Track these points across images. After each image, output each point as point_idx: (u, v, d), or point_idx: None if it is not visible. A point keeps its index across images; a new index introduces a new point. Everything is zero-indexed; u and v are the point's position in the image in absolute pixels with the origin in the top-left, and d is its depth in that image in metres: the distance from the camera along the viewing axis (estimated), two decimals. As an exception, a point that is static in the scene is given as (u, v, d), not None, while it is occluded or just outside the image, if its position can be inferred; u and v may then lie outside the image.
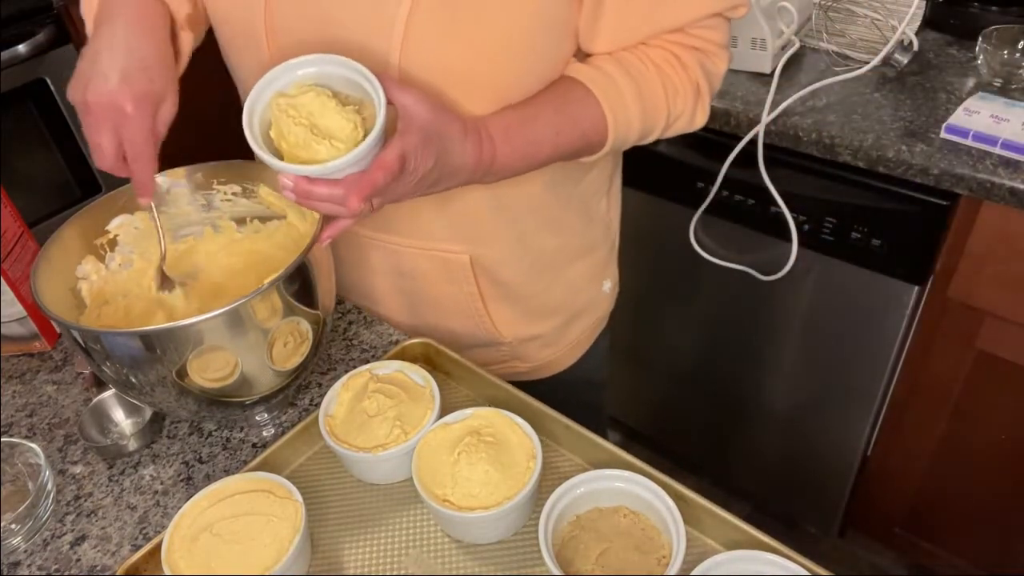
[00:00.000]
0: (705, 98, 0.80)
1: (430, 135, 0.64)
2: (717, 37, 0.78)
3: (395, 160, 0.61)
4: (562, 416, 0.73)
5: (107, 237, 0.80)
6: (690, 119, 0.80)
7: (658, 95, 0.77)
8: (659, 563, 0.62)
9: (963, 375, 1.26)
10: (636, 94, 0.75)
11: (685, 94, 0.78)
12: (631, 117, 0.76)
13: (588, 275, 0.97)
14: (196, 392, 0.69)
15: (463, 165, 0.69)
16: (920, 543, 1.51)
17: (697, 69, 0.78)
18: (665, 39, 0.77)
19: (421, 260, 0.86)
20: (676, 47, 0.77)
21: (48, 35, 1.92)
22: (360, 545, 0.69)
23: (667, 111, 0.78)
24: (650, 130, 0.79)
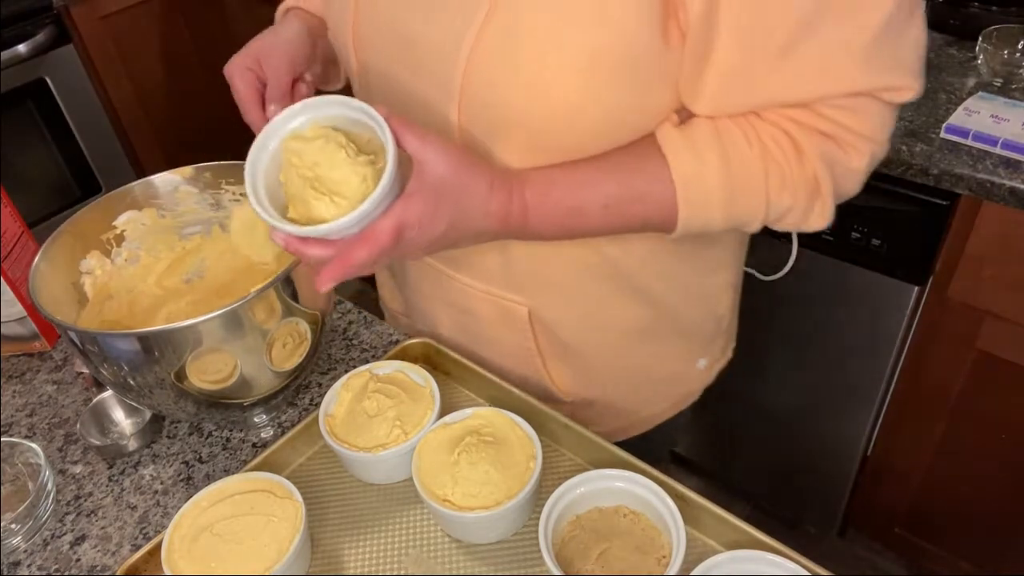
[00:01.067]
0: (827, 198, 0.63)
1: (444, 195, 0.57)
2: (859, 124, 0.60)
3: (388, 232, 0.55)
4: (562, 416, 0.73)
5: (114, 232, 0.80)
6: (801, 217, 0.64)
7: (757, 184, 0.62)
8: (659, 563, 0.62)
9: (963, 375, 1.26)
10: (725, 180, 0.61)
11: (795, 189, 0.62)
12: (711, 210, 0.62)
13: (677, 352, 0.84)
14: (195, 394, 0.69)
15: (485, 227, 0.61)
16: (920, 543, 1.51)
17: (817, 161, 0.61)
18: (784, 114, 0.61)
19: (481, 302, 0.79)
20: (795, 126, 0.61)
21: (48, 35, 1.92)
22: (360, 545, 0.69)
23: (765, 206, 0.63)
24: (742, 223, 0.65)
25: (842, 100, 0.59)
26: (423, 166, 0.57)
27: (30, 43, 1.88)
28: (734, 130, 0.61)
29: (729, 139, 0.61)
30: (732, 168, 0.61)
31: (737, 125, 0.62)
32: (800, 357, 1.44)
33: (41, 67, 1.95)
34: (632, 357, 0.82)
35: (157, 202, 0.82)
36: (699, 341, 0.86)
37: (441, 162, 0.57)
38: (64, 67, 1.99)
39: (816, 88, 0.58)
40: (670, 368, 0.86)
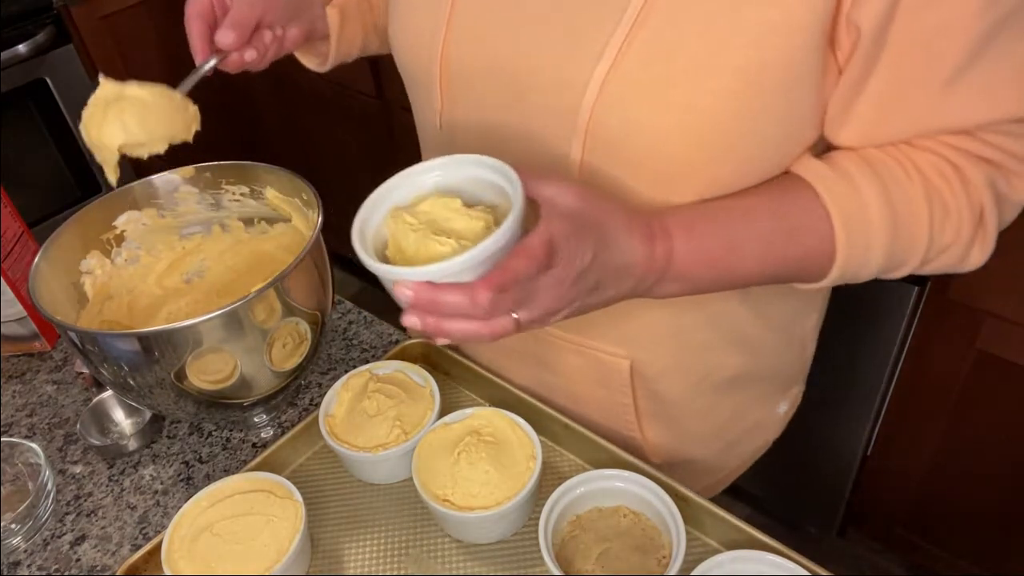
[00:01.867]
0: (990, 231, 0.57)
1: (583, 222, 0.50)
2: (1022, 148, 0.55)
3: (541, 245, 0.47)
4: (562, 416, 0.73)
5: (114, 232, 0.80)
6: (961, 256, 0.58)
7: (920, 216, 0.55)
8: (659, 563, 0.62)
9: (963, 375, 1.26)
10: (886, 211, 0.55)
11: (960, 220, 0.56)
12: (872, 242, 0.56)
13: (763, 397, 0.81)
14: (195, 394, 0.69)
15: (630, 263, 0.53)
16: (920, 543, 1.51)
17: (985, 189, 0.55)
18: (943, 140, 0.56)
19: (572, 355, 0.72)
20: (957, 154, 0.56)
21: (48, 35, 1.92)
22: (360, 545, 0.69)
23: (928, 240, 0.56)
24: (899, 263, 0.58)
25: (1009, 126, 0.54)
26: (554, 200, 0.50)
27: (30, 43, 1.88)
28: (888, 161, 0.56)
29: (885, 169, 0.55)
30: (893, 199, 0.55)
31: (889, 155, 0.56)
32: (800, 357, 1.44)
33: (41, 67, 1.95)
34: (723, 409, 0.77)
35: (157, 202, 0.82)
36: (783, 384, 0.83)
37: (572, 195, 0.51)
38: (64, 67, 1.99)
39: (984, 114, 0.53)
40: (755, 416, 0.82)
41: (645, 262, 0.54)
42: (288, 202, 0.80)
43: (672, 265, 0.55)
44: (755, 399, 0.80)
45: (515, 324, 0.50)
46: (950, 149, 0.56)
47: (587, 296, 0.52)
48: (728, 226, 0.57)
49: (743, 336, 0.71)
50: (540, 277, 0.48)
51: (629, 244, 0.53)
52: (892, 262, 0.58)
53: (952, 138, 0.56)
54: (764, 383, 0.79)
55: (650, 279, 0.55)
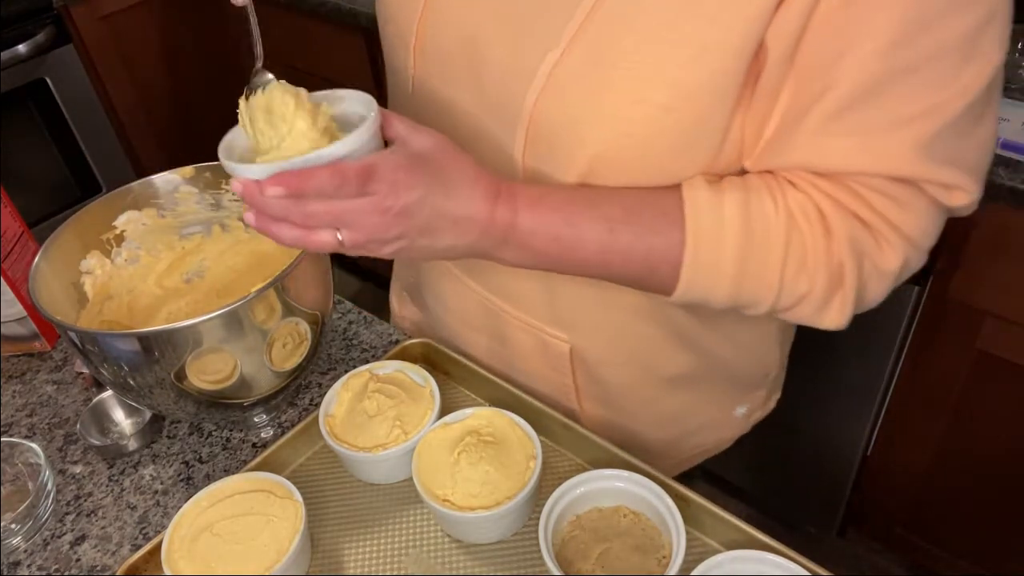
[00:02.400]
0: (848, 294, 0.56)
1: (424, 163, 0.53)
2: (900, 218, 0.54)
3: (355, 168, 0.49)
4: (562, 416, 0.73)
5: (114, 232, 0.80)
6: (817, 310, 0.57)
7: (773, 255, 0.55)
8: (659, 563, 0.62)
9: (963, 375, 1.26)
10: (741, 236, 0.55)
11: (815, 271, 0.55)
12: (722, 265, 0.56)
13: (717, 398, 0.80)
14: (195, 394, 0.69)
15: (467, 216, 0.55)
16: (920, 543, 1.51)
17: (845, 245, 0.55)
18: (820, 186, 0.55)
19: (520, 332, 0.75)
20: (827, 202, 0.55)
21: (48, 35, 1.92)
22: (360, 545, 0.69)
23: (779, 284, 0.56)
24: (749, 300, 0.58)
25: (887, 185, 0.53)
26: (408, 140, 0.54)
27: (30, 43, 1.88)
28: (762, 188, 0.56)
29: (755, 195, 0.56)
30: (752, 224, 0.55)
31: (767, 186, 0.57)
32: (800, 357, 1.44)
33: (41, 67, 1.95)
34: (671, 403, 0.78)
35: (157, 202, 0.82)
36: (742, 389, 0.82)
37: (428, 139, 0.54)
38: (64, 67, 1.99)
39: (863, 161, 0.52)
40: (707, 415, 0.82)
41: (486, 220, 0.56)
42: (288, 202, 0.80)
43: (514, 231, 0.57)
44: (707, 400, 0.80)
45: (337, 242, 0.53)
46: (822, 195, 0.55)
47: (418, 236, 0.54)
48: (576, 206, 0.58)
49: (687, 337, 0.71)
50: (355, 201, 0.51)
51: (470, 197, 0.55)
52: (741, 296, 0.57)
53: (826, 184, 0.55)
54: (719, 385, 0.79)
55: (490, 239, 0.57)
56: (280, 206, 0.51)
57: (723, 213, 0.55)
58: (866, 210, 0.54)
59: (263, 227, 0.53)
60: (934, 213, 0.55)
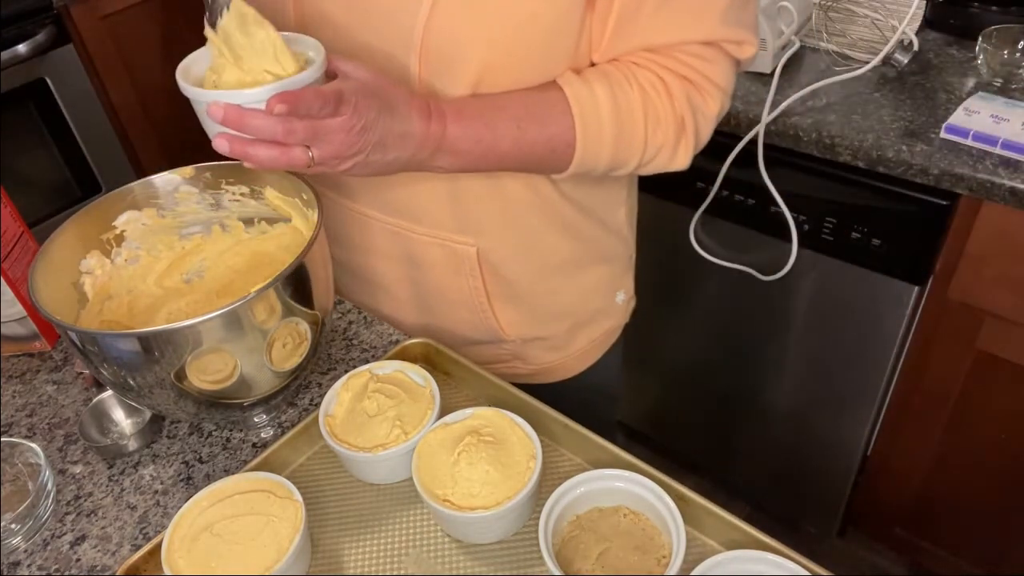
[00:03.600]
0: (690, 137, 0.74)
1: (371, 89, 0.63)
2: (712, 72, 0.72)
3: (331, 91, 0.59)
4: (562, 416, 0.73)
5: (113, 233, 0.80)
6: (671, 156, 0.74)
7: (636, 117, 0.72)
8: (659, 563, 0.62)
9: (963, 375, 1.26)
10: (613, 108, 0.71)
11: (667, 126, 0.72)
12: (603, 134, 0.72)
13: (601, 284, 0.94)
14: (195, 394, 0.69)
15: (410, 132, 0.66)
16: (920, 543, 1.51)
17: (684, 101, 0.72)
18: (654, 61, 0.72)
19: (430, 248, 0.84)
20: (664, 71, 0.72)
21: (48, 35, 1.92)
22: (360, 545, 0.69)
23: (644, 141, 0.73)
24: (624, 159, 0.74)
25: (699, 48, 0.70)
26: (347, 72, 0.63)
27: (30, 43, 1.88)
28: (617, 74, 0.71)
29: (614, 79, 0.71)
30: (618, 101, 0.70)
31: (619, 70, 0.72)
32: (800, 357, 1.44)
33: (41, 67, 1.95)
34: (565, 291, 0.91)
35: (157, 202, 0.82)
36: (616, 272, 0.96)
37: (362, 70, 0.63)
38: (64, 67, 1.99)
39: (685, 32, 0.70)
40: (596, 303, 0.95)
41: (422, 133, 0.66)
42: (288, 202, 0.80)
43: (445, 140, 0.68)
44: (593, 284, 0.93)
45: (308, 159, 0.61)
46: (659, 67, 0.72)
47: (372, 151, 0.64)
48: (490, 112, 0.70)
49: (565, 223, 0.85)
50: (329, 120, 0.60)
51: (409, 115, 0.65)
52: (619, 158, 0.73)
53: (658, 57, 0.71)
54: (596, 269, 0.92)
55: (427, 149, 0.67)
56: (267, 125, 0.58)
57: (597, 98, 0.70)
58: (690, 71, 0.72)
59: (240, 150, 0.60)
60: (731, 66, 0.74)
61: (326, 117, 0.60)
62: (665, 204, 1.40)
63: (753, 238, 1.33)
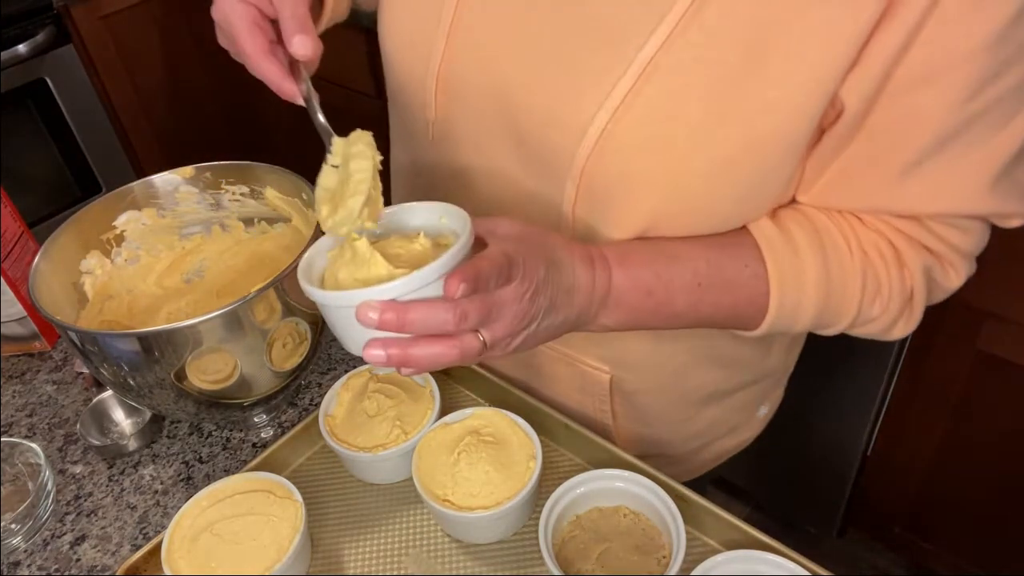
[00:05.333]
0: (916, 311, 0.60)
1: (531, 242, 0.52)
2: (964, 243, 0.58)
3: (500, 254, 0.48)
4: (562, 416, 0.73)
5: (114, 232, 0.80)
6: (886, 328, 0.61)
7: (851, 289, 0.58)
8: (659, 563, 0.62)
9: (963, 375, 1.26)
10: (822, 283, 0.58)
11: (889, 299, 0.59)
12: (804, 303, 0.58)
13: (745, 403, 0.82)
14: (195, 394, 0.69)
15: (576, 285, 0.54)
16: (920, 543, 1.51)
17: (920, 274, 0.58)
18: (891, 223, 0.58)
19: (558, 365, 0.74)
20: (900, 237, 0.58)
21: (48, 35, 1.92)
22: (360, 545, 0.69)
23: (856, 311, 0.59)
24: (826, 325, 0.61)
25: (958, 220, 0.57)
26: (494, 229, 0.52)
27: (30, 43, 1.88)
28: (834, 232, 0.58)
29: (829, 239, 0.58)
30: (830, 270, 0.58)
31: (837, 227, 0.58)
32: (800, 357, 1.44)
33: (41, 67, 1.94)
34: (702, 418, 0.79)
35: (157, 202, 0.82)
36: (765, 390, 0.83)
37: (507, 223, 0.53)
38: (64, 67, 1.99)
39: (938, 205, 0.55)
40: (734, 421, 0.83)
41: (588, 286, 0.55)
42: (288, 202, 0.80)
43: (612, 291, 0.57)
44: (735, 408, 0.81)
45: (481, 345, 0.49)
46: (894, 231, 0.59)
47: (542, 318, 0.52)
48: (662, 262, 0.58)
49: (721, 355, 0.73)
50: (502, 290, 0.49)
51: (572, 266, 0.54)
52: (820, 324, 0.61)
53: (899, 221, 0.58)
54: (744, 392, 0.80)
55: (594, 305, 0.56)
56: (434, 315, 0.46)
57: (802, 261, 0.57)
58: (936, 242, 0.58)
59: (401, 356, 0.47)
60: (988, 231, 0.60)
61: (501, 287, 0.49)
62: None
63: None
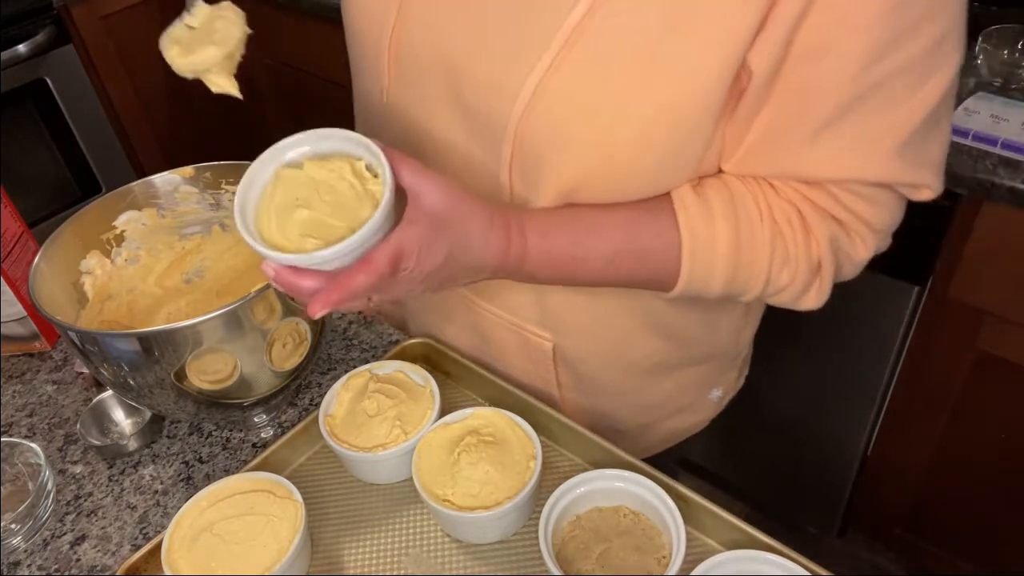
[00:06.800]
0: (826, 280, 0.63)
1: (442, 224, 0.55)
2: (873, 215, 0.60)
3: (384, 261, 0.52)
4: (562, 416, 0.73)
5: (114, 232, 0.80)
6: (795, 297, 0.64)
7: (761, 258, 0.61)
8: (659, 563, 0.62)
9: (963, 375, 1.26)
10: (732, 253, 0.61)
11: (796, 267, 0.61)
12: (714, 273, 0.61)
13: (695, 382, 0.84)
14: (195, 394, 0.69)
15: (482, 264, 0.59)
16: (920, 543, 1.51)
17: (826, 244, 0.61)
18: (800, 191, 0.61)
19: (501, 330, 0.77)
20: (808, 206, 0.61)
21: (48, 35, 1.92)
22: (360, 545, 0.69)
23: (765, 281, 0.62)
24: (737, 294, 0.64)
25: (864, 188, 0.59)
26: (419, 197, 0.54)
27: (30, 43, 1.88)
28: (748, 199, 0.61)
29: (743, 210, 0.60)
30: (741, 239, 0.60)
31: (751, 194, 0.61)
32: (800, 357, 1.44)
33: (41, 67, 1.95)
34: (650, 391, 0.81)
35: (157, 202, 0.82)
36: (717, 371, 0.85)
37: (437, 192, 0.55)
38: (64, 67, 1.99)
39: (843, 170, 0.58)
40: (684, 400, 0.85)
41: (498, 261, 0.59)
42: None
43: (525, 263, 0.61)
44: (685, 385, 0.83)
45: (368, 301, 0.55)
46: (803, 200, 0.61)
47: (438, 286, 0.58)
48: (582, 239, 0.61)
49: (664, 324, 0.74)
50: (389, 280, 0.53)
51: (484, 246, 0.58)
52: (730, 292, 0.63)
53: (810, 190, 0.60)
54: (694, 370, 0.82)
55: (505, 271, 0.61)
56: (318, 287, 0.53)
57: (715, 234, 0.60)
58: (842, 211, 0.60)
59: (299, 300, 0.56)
60: (900, 205, 0.62)
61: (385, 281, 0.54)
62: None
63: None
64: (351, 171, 0.55)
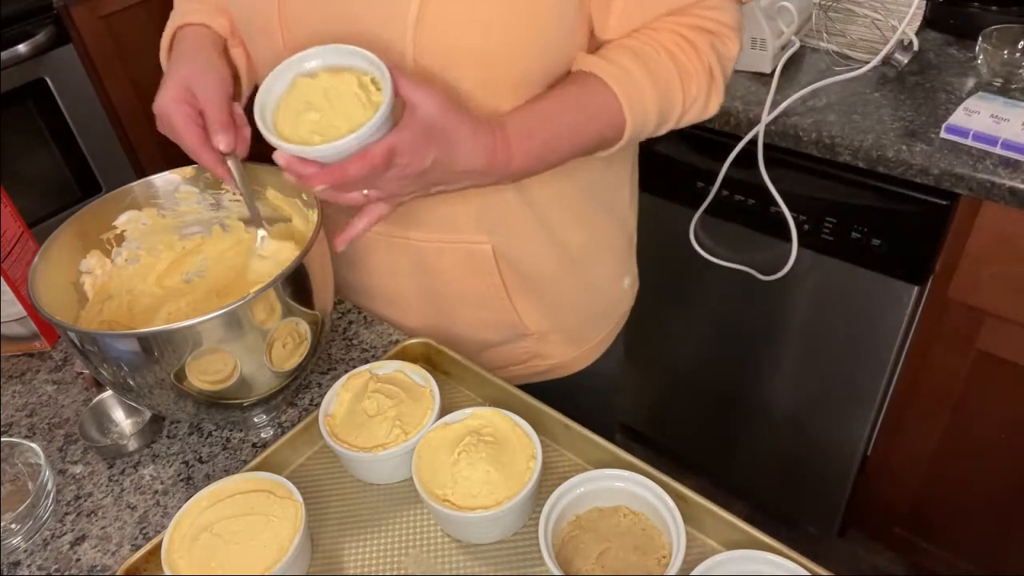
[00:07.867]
0: (719, 82, 0.77)
1: (432, 132, 0.63)
2: (727, 18, 0.76)
3: (379, 154, 0.60)
4: (562, 416, 0.73)
5: (114, 232, 0.80)
6: (704, 104, 0.78)
7: (673, 82, 0.74)
8: (659, 563, 0.62)
9: (963, 375, 1.26)
10: (652, 83, 0.73)
11: (699, 79, 0.76)
12: (648, 108, 0.74)
13: (610, 272, 0.97)
14: (195, 394, 0.69)
15: (472, 168, 0.67)
16: (920, 543, 1.51)
17: (710, 52, 0.75)
18: (674, 22, 0.75)
19: (443, 254, 0.84)
20: (686, 30, 0.75)
21: (48, 35, 1.92)
22: (360, 545, 0.69)
23: (682, 98, 0.75)
24: (666, 119, 0.77)
25: (714, 0, 0.74)
26: (415, 107, 0.62)
27: (30, 43, 1.88)
28: (641, 45, 0.74)
29: (642, 52, 0.74)
30: (654, 74, 0.73)
31: (642, 43, 0.74)
32: (800, 357, 1.44)
33: (41, 67, 1.95)
34: (577, 280, 0.92)
35: (157, 202, 0.82)
36: (621, 257, 0.98)
37: (430, 104, 0.62)
38: (64, 67, 2.00)
39: None
40: (607, 292, 0.98)
41: (487, 165, 0.68)
42: (288, 202, 0.80)
43: (511, 165, 0.70)
44: (605, 274, 0.96)
45: (364, 198, 0.65)
46: (680, 26, 0.75)
47: (432, 186, 0.67)
48: (551, 126, 0.72)
49: (578, 213, 0.87)
50: (382, 174, 0.62)
51: (472, 150, 0.66)
52: (662, 120, 0.76)
53: (679, 19, 0.75)
54: (606, 257, 0.95)
55: (493, 177, 0.69)
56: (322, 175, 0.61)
57: (635, 77, 0.72)
58: (708, 22, 0.75)
59: (304, 186, 0.63)
60: (737, 10, 0.78)
61: (378, 175, 0.62)
62: (665, 204, 1.40)
63: (753, 238, 1.33)
64: (358, 83, 0.63)
